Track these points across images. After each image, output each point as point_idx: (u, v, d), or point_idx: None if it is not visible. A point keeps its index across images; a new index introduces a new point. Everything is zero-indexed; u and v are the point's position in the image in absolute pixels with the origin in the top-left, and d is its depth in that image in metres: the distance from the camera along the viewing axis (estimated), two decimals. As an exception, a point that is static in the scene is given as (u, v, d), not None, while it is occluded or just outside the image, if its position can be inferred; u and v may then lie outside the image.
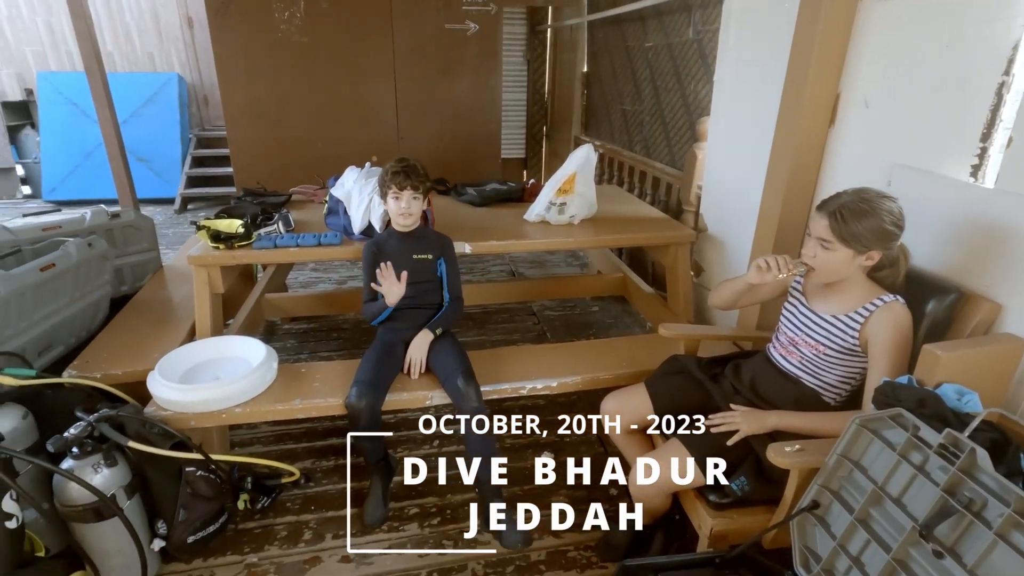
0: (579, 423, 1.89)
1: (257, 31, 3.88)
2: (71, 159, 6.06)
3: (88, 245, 2.10)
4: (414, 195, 1.90)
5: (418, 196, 1.91)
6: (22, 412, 1.64)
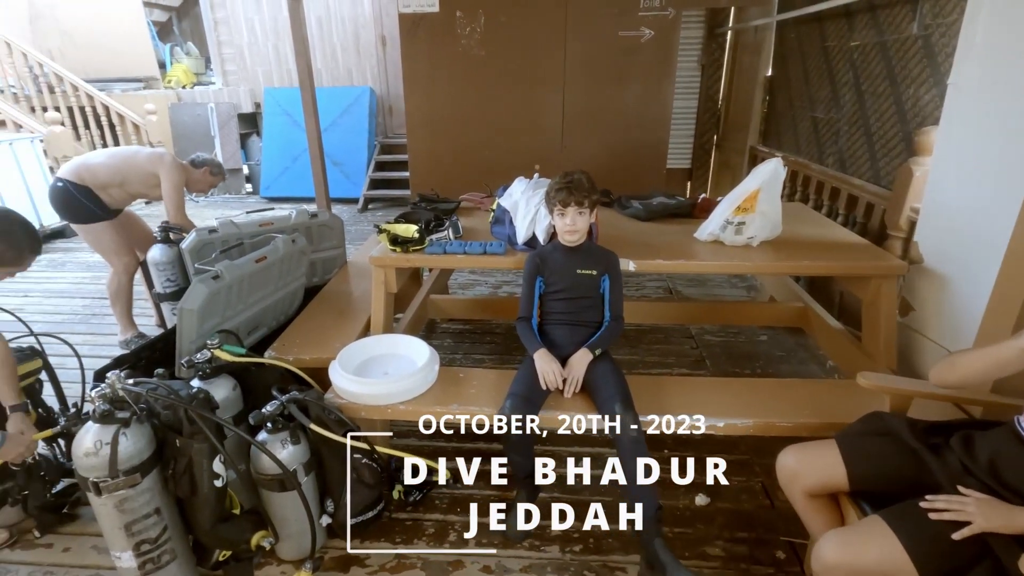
0: (743, 468, 1.69)
1: (440, 46, 4.15)
2: (282, 162, 7.08)
3: (292, 241, 2.39)
4: (579, 211, 1.85)
5: (584, 211, 1.86)
6: (232, 384, 1.90)
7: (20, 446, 1.70)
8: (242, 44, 7.46)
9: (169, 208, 2.91)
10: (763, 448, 2.17)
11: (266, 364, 1.97)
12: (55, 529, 1.95)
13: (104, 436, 1.45)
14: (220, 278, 2.01)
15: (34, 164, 5.33)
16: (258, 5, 7.27)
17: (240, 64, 7.55)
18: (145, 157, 2.94)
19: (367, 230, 5.75)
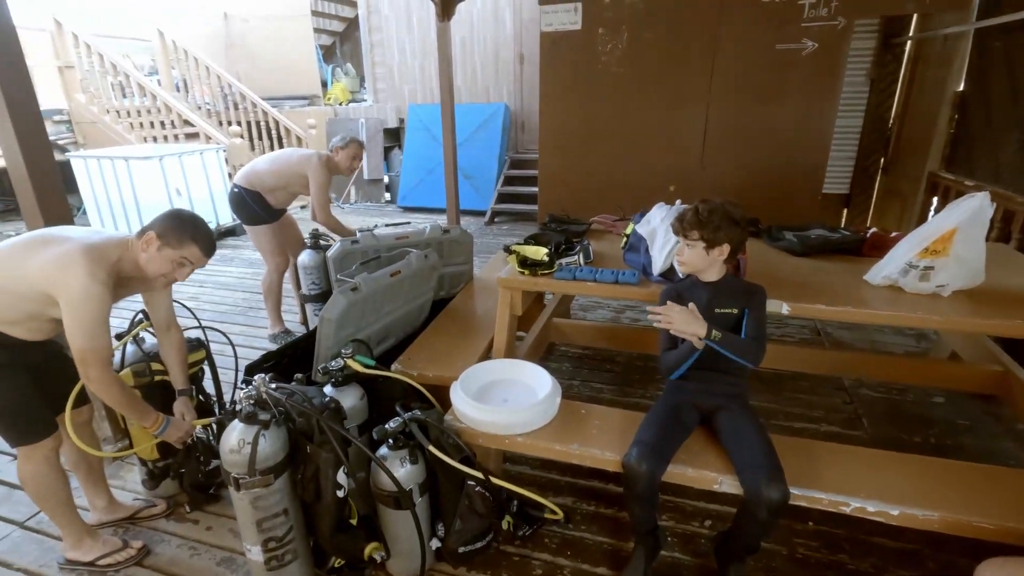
0: (911, 560, 1.37)
1: (579, 64, 4.10)
2: (419, 174, 7.49)
3: (424, 256, 2.44)
4: (687, 243, 1.66)
5: (693, 244, 1.66)
6: (361, 393, 1.96)
7: (180, 430, 1.88)
8: (392, 64, 8.04)
9: (315, 206, 3.15)
10: (942, 541, 1.79)
11: (391, 377, 2.01)
12: (203, 507, 2.14)
13: (247, 436, 1.55)
14: (358, 290, 2.10)
15: (217, 171, 6.13)
16: (409, 28, 7.79)
17: (389, 83, 8.14)
18: (296, 159, 3.22)
19: (492, 243, 5.85)
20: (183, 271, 1.70)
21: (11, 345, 1.62)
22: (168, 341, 1.94)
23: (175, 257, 1.66)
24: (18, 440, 1.70)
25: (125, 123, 7.00)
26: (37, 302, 1.55)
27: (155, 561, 1.92)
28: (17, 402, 1.66)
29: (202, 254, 1.70)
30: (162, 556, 1.94)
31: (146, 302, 1.90)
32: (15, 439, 1.70)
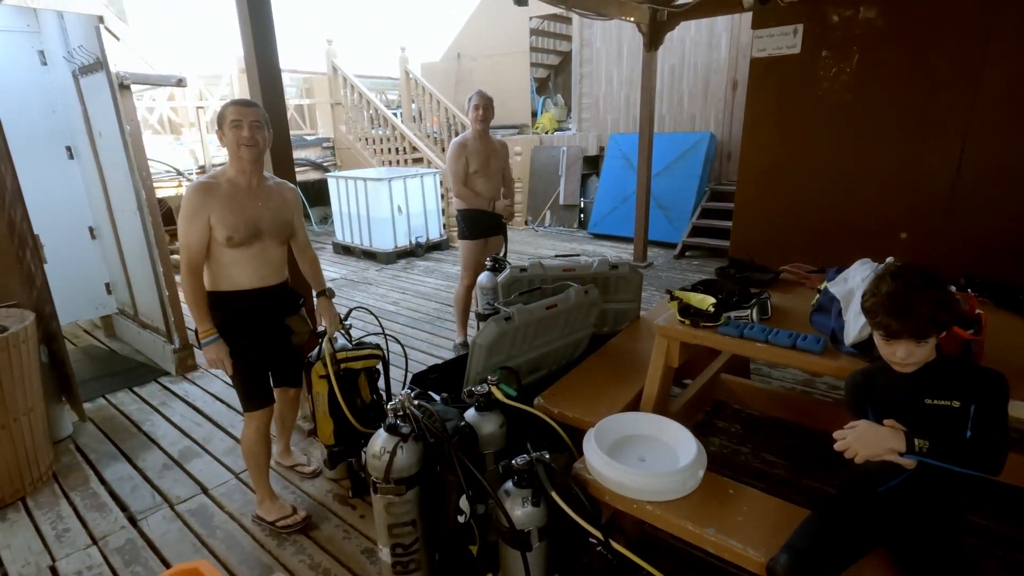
0: None
1: (794, 90, 3.68)
2: (612, 202, 7.47)
3: (585, 292, 2.40)
4: (916, 344, 1.28)
5: (925, 343, 1.28)
6: (501, 421, 1.99)
7: (215, 355, 1.99)
8: (599, 94, 8.21)
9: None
10: None
11: (531, 411, 2.01)
12: (363, 496, 2.40)
13: (388, 445, 1.68)
14: (511, 320, 2.15)
15: (432, 192, 6.93)
16: (619, 59, 7.88)
17: (594, 112, 8.32)
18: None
19: (678, 279, 5.54)
20: (240, 132, 1.92)
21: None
22: (304, 258, 2.31)
23: (227, 127, 1.93)
24: (244, 407, 2.15)
25: (371, 149, 8.35)
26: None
27: (316, 534, 2.20)
28: (251, 376, 2.10)
29: (234, 108, 1.94)
30: (323, 532, 2.22)
31: (292, 237, 2.20)
32: (243, 406, 2.16)
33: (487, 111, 3.47)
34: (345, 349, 2.36)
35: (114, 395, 3.40)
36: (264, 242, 2.05)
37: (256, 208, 2.01)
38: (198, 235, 1.93)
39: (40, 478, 2.54)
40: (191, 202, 1.92)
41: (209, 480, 2.56)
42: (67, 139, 3.88)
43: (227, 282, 2.03)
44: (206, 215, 1.93)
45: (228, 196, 1.96)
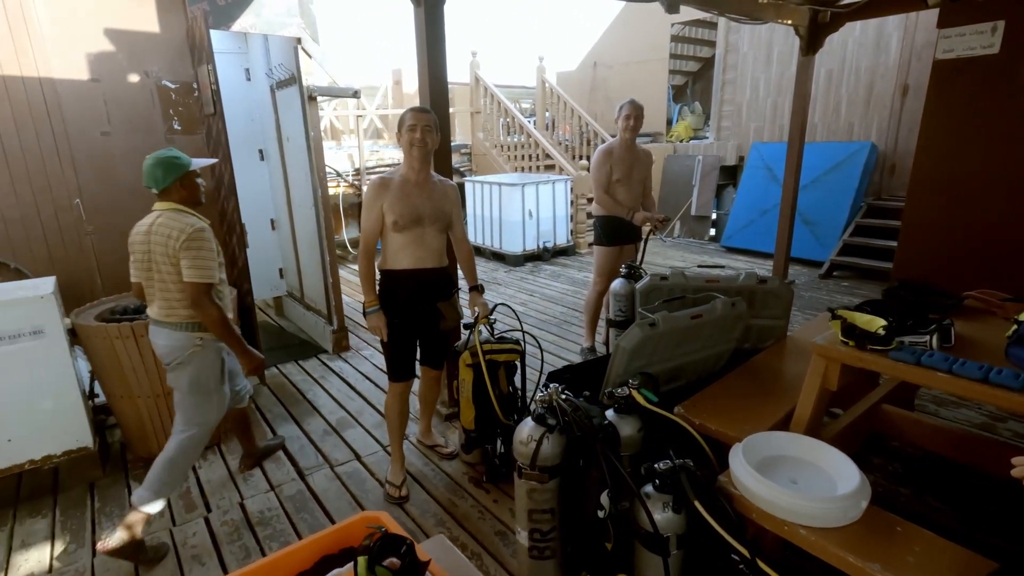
0: None
1: (988, 96, 3.25)
2: (750, 215, 7.08)
3: (732, 305, 2.34)
4: None
5: None
6: (639, 425, 2.01)
7: (374, 324, 2.31)
8: (742, 102, 7.82)
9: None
10: None
11: (672, 420, 2.00)
12: (496, 482, 2.53)
13: (535, 434, 1.78)
14: (655, 326, 2.15)
15: (562, 198, 7.05)
16: (767, 64, 7.45)
17: (735, 120, 7.94)
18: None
19: (823, 299, 5.11)
20: (414, 135, 2.19)
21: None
22: (460, 250, 2.52)
23: (405, 130, 2.21)
24: (389, 376, 2.45)
25: (505, 155, 8.69)
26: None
27: (454, 511, 2.37)
28: (398, 350, 2.38)
29: (412, 114, 2.22)
30: (459, 509, 2.38)
31: (450, 227, 2.41)
32: (388, 375, 2.45)
33: (637, 121, 3.47)
34: (488, 342, 2.52)
35: (284, 366, 3.90)
36: (424, 228, 2.30)
37: (420, 199, 2.27)
38: (373, 221, 2.26)
39: (228, 428, 3.00)
40: (370, 193, 2.25)
41: (361, 449, 2.85)
42: (260, 143, 4.54)
43: (392, 261, 2.32)
44: (380, 204, 2.24)
45: (399, 188, 2.25)
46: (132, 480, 2.62)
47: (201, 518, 2.36)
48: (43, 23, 2.78)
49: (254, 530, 2.28)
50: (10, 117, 2.78)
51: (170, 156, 2.05)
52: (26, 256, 2.92)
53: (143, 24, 3.05)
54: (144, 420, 2.68)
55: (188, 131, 3.28)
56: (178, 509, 2.41)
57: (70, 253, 3.03)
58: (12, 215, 2.86)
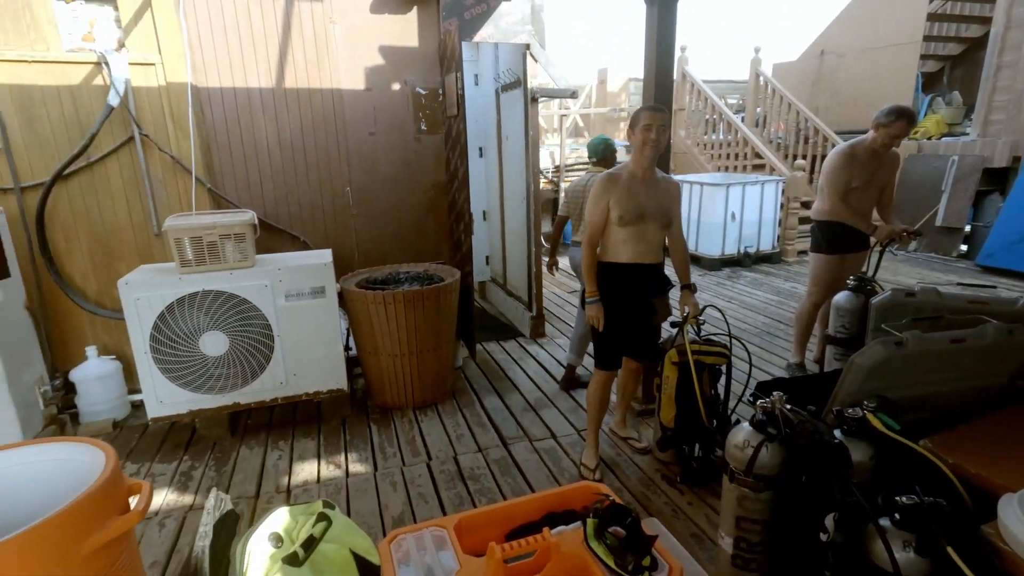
0: None
1: None
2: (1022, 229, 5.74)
3: (1008, 332, 1.96)
4: None
5: None
6: (871, 453, 1.82)
7: (594, 313, 2.40)
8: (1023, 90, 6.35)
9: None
10: None
11: (921, 453, 1.77)
12: (692, 484, 2.50)
13: (752, 439, 1.72)
14: (903, 346, 1.91)
15: (771, 201, 6.50)
16: (1070, 40, 5.93)
17: (1010, 113, 6.48)
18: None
19: None
20: (648, 134, 2.24)
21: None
22: (676, 247, 2.56)
23: (639, 129, 2.26)
24: (595, 363, 2.57)
25: (707, 154, 8.29)
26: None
27: (648, 505, 2.40)
28: (607, 340, 2.49)
29: (648, 113, 2.26)
30: (652, 504, 2.40)
31: (669, 224, 2.45)
32: (595, 362, 2.58)
33: (907, 129, 2.98)
34: (696, 342, 2.48)
35: (487, 344, 4.29)
36: (647, 224, 2.35)
37: (645, 196, 2.33)
38: (599, 215, 2.36)
39: (446, 392, 3.42)
40: (598, 188, 2.36)
41: (557, 429, 3.03)
42: (481, 142, 5.01)
43: (612, 254, 2.41)
44: (607, 199, 2.33)
45: (626, 184, 2.33)
46: (371, 423, 3.14)
47: (424, 463, 2.74)
48: (338, 46, 3.45)
49: (466, 482, 2.58)
50: (310, 121, 3.50)
51: (609, 140, 3.34)
52: (309, 231, 3.66)
53: (406, 40, 3.60)
54: (384, 374, 3.20)
55: (431, 131, 3.78)
56: (407, 452, 2.84)
57: (339, 230, 3.72)
58: (304, 199, 3.61)
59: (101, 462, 1.12)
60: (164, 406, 2.82)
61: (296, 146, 3.52)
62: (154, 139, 3.11)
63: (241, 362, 2.87)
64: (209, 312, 2.75)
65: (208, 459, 2.81)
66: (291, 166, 3.54)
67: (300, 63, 3.40)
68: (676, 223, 2.48)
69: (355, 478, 2.63)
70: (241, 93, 3.34)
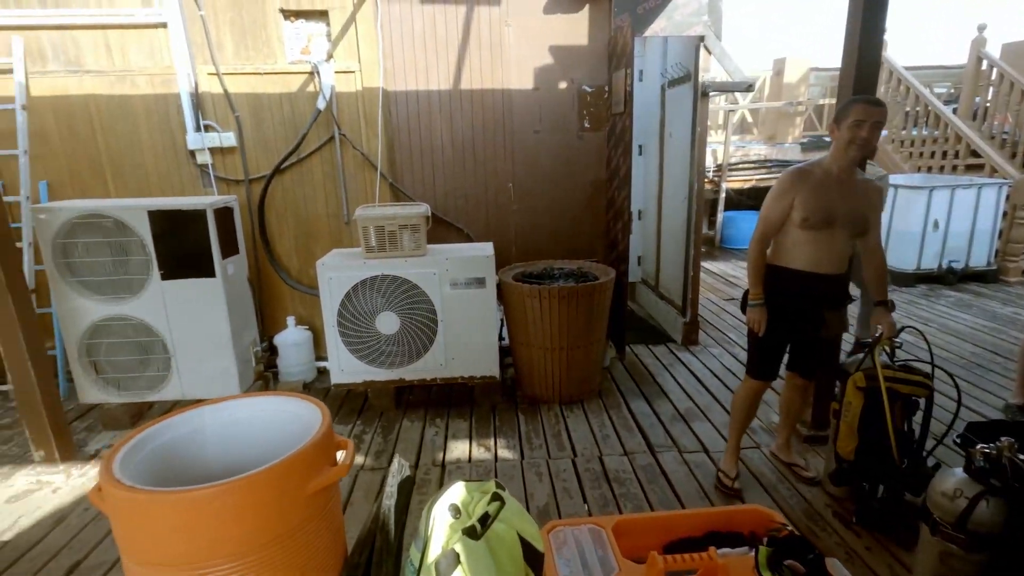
0: None
1: None
2: None
3: None
4: None
5: None
6: None
7: (755, 317, 2.25)
8: None
9: None
10: None
11: None
12: (870, 527, 2.20)
13: (967, 489, 1.46)
14: None
15: (990, 208, 5.45)
16: None
17: None
18: None
19: None
20: (858, 132, 1.98)
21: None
22: (871, 260, 2.24)
23: (847, 124, 2.00)
24: (747, 369, 2.42)
25: (903, 152, 7.19)
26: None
27: (816, 542, 2.16)
28: (766, 347, 2.31)
29: (861, 107, 1.97)
30: (821, 541, 2.15)
31: (863, 234, 2.17)
32: (747, 367, 2.42)
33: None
34: (889, 367, 2.16)
35: (635, 346, 4.19)
36: (834, 230, 2.11)
37: (838, 198, 2.09)
38: (779, 212, 2.15)
39: (592, 391, 3.40)
40: (783, 183, 2.14)
41: (710, 443, 2.86)
42: (641, 140, 4.88)
43: (786, 257, 2.21)
44: (792, 197, 2.12)
45: (817, 183, 2.10)
46: (519, 412, 3.24)
47: (568, 459, 2.76)
48: (511, 48, 3.59)
49: (611, 484, 2.55)
50: (481, 120, 3.70)
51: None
52: (473, 224, 3.88)
53: (575, 39, 3.62)
54: (534, 366, 3.28)
55: (594, 129, 3.77)
56: (553, 445, 2.88)
57: (499, 225, 3.89)
58: (470, 192, 3.83)
59: (319, 418, 1.30)
60: (344, 374, 3.18)
61: (466, 144, 3.74)
62: (350, 138, 3.51)
63: (409, 341, 3.13)
64: (385, 294, 3.05)
65: (376, 426, 3.12)
66: (460, 163, 3.77)
67: (475, 65, 3.60)
68: (874, 233, 2.18)
69: (503, 463, 2.74)
70: (423, 96, 3.63)
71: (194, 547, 1.10)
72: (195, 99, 3.34)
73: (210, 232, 2.94)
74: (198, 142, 3.39)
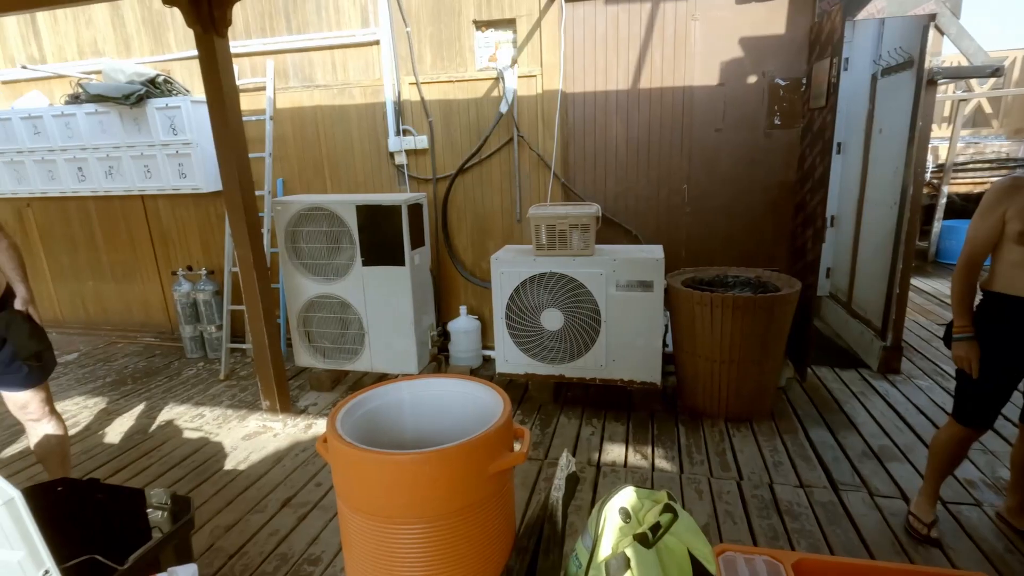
0: None
1: None
2: None
3: None
4: None
5: None
6: None
7: (963, 353, 1.91)
8: None
9: None
10: None
11: None
12: None
13: None
14: None
15: None
16: None
17: None
18: None
19: None
20: None
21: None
22: None
23: None
24: (954, 411, 2.05)
25: None
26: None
27: None
28: (980, 390, 1.93)
29: None
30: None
31: None
32: (953, 409, 2.05)
33: None
34: None
35: (817, 368, 3.75)
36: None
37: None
38: (988, 229, 1.83)
39: (764, 411, 3.13)
40: (992, 196, 1.83)
41: (910, 489, 2.45)
42: (841, 137, 4.32)
43: (1007, 283, 1.84)
44: (1003, 209, 1.79)
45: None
46: (679, 424, 3.11)
47: (734, 481, 2.58)
48: (696, 43, 3.43)
49: (782, 517, 2.32)
50: (658, 119, 3.60)
51: None
52: (642, 226, 3.79)
53: (770, 29, 3.34)
54: (698, 377, 3.11)
55: (786, 126, 3.45)
56: (716, 464, 2.71)
57: (670, 227, 3.76)
58: (641, 193, 3.75)
59: (500, 405, 1.41)
60: (508, 364, 3.35)
61: (641, 144, 3.67)
62: (527, 140, 3.66)
63: (571, 339, 3.18)
64: (551, 291, 3.13)
65: (535, 418, 3.23)
66: (634, 163, 3.71)
67: (657, 63, 3.51)
68: None
69: (660, 473, 2.65)
70: (600, 96, 3.64)
71: (392, 503, 1.25)
72: (397, 106, 3.76)
73: (403, 226, 3.29)
74: (397, 145, 3.81)
